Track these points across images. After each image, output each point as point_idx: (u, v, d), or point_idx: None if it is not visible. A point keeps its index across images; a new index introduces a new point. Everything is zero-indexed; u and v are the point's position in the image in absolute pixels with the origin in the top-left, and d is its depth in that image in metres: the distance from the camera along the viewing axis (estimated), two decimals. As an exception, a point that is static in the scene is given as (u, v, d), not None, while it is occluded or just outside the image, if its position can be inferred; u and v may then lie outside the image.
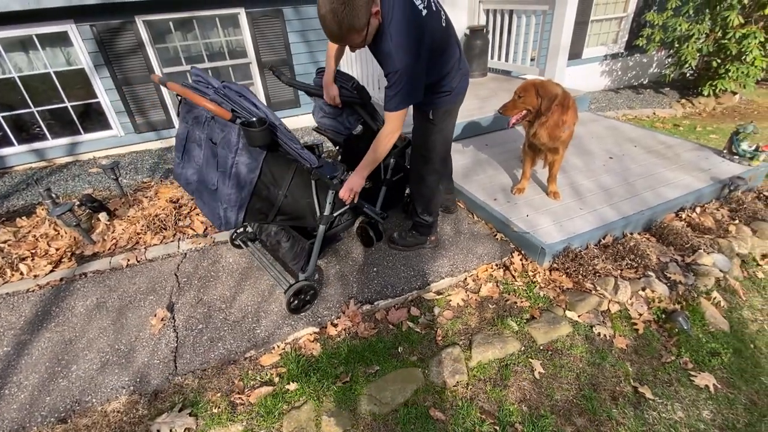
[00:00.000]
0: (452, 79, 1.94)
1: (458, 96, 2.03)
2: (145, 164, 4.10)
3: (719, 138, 4.89)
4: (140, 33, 3.87)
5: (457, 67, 1.94)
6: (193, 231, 2.89)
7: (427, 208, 2.37)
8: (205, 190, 1.74)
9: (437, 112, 2.02)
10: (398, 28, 1.57)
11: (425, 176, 2.24)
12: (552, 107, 2.37)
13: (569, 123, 2.46)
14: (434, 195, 2.34)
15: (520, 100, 2.47)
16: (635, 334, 2.11)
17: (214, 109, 1.47)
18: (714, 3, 5.17)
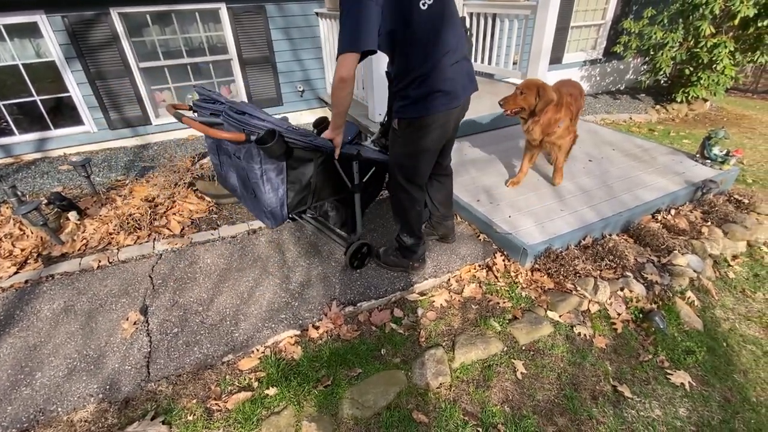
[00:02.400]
0: (413, 84, 1.68)
1: (426, 108, 1.72)
2: (120, 162, 3.95)
3: (692, 143, 5.07)
4: (115, 25, 3.73)
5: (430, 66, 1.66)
6: (169, 231, 2.79)
7: (403, 226, 2.18)
8: (248, 198, 1.94)
9: (401, 122, 1.80)
10: None
11: (393, 192, 2.08)
12: (546, 109, 2.55)
13: (562, 117, 2.63)
14: (407, 214, 2.10)
15: (521, 96, 2.57)
16: (614, 333, 2.15)
17: (229, 137, 1.62)
18: (687, 13, 5.36)
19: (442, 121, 1.79)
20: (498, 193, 2.96)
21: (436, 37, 1.63)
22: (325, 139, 1.89)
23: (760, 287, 2.61)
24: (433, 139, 1.84)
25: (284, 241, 2.70)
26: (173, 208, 2.99)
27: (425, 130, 1.79)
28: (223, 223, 2.94)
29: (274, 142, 1.56)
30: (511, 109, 2.62)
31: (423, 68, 1.65)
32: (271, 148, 1.58)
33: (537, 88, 2.54)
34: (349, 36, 1.50)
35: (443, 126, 1.82)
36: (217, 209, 3.11)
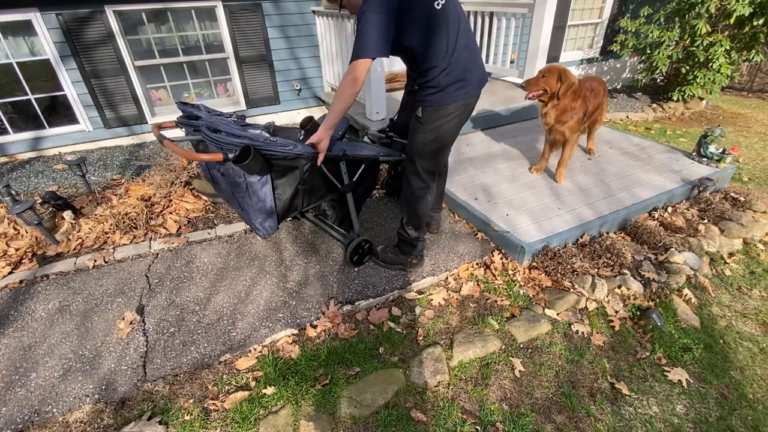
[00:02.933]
0: (441, 74, 1.80)
1: (450, 96, 1.86)
2: (116, 161, 3.92)
3: (688, 141, 5.08)
4: (110, 23, 3.70)
5: (452, 58, 1.79)
6: (165, 230, 2.78)
7: (411, 218, 2.21)
8: (238, 209, 1.93)
9: (426, 110, 1.90)
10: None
11: (410, 180, 2.11)
12: (567, 93, 2.65)
13: (577, 109, 2.73)
14: (418, 203, 2.14)
15: (543, 79, 2.68)
16: (612, 331, 2.15)
17: (207, 158, 1.63)
18: (683, 12, 5.38)
19: (463, 109, 1.93)
20: (496, 192, 2.96)
21: (454, 31, 1.78)
22: (306, 146, 1.86)
23: (756, 284, 2.62)
24: (453, 126, 1.97)
25: (281, 240, 2.69)
26: (170, 207, 2.97)
27: (448, 117, 1.91)
28: (220, 222, 2.93)
29: (249, 159, 1.58)
30: (534, 91, 2.71)
31: (447, 60, 1.78)
32: (249, 165, 1.60)
33: (559, 72, 2.65)
34: (364, 44, 1.63)
35: (462, 114, 1.95)
36: (213, 208, 3.09)
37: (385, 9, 1.61)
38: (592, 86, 2.89)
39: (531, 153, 3.61)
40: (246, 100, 4.53)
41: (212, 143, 1.71)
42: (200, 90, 4.48)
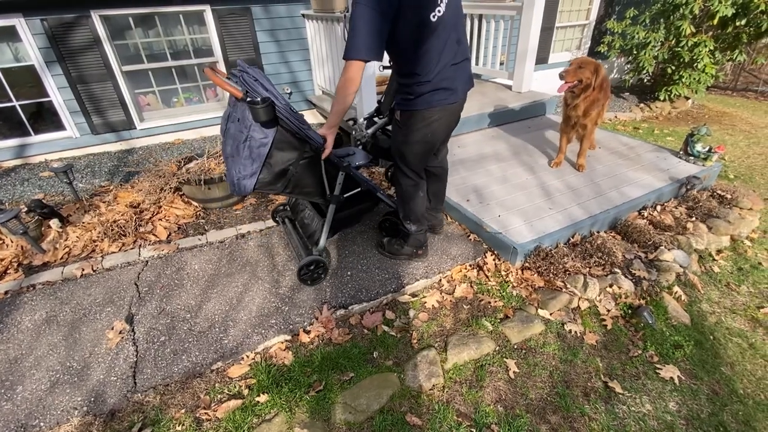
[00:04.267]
0: (422, 84, 1.79)
1: (427, 102, 1.84)
2: (104, 167, 3.86)
3: (675, 140, 5.16)
4: (96, 28, 3.65)
5: (434, 71, 1.77)
6: (155, 237, 2.74)
7: (407, 214, 2.27)
8: (230, 159, 1.91)
9: (404, 114, 1.94)
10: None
11: (398, 178, 2.20)
12: (596, 87, 2.78)
13: (603, 102, 2.91)
14: (411, 200, 2.21)
15: (579, 70, 2.76)
16: (604, 329, 2.16)
17: (229, 89, 1.68)
18: (668, 13, 5.47)
19: (441, 114, 1.92)
20: (487, 193, 2.97)
21: (443, 45, 1.75)
22: (317, 133, 1.93)
23: (744, 280, 2.67)
24: (434, 129, 1.96)
25: (273, 245, 2.67)
26: (159, 214, 2.94)
27: (425, 122, 1.91)
28: (211, 228, 2.90)
29: (262, 105, 1.62)
30: (571, 81, 2.79)
31: (429, 75, 1.78)
32: (258, 110, 1.63)
33: (594, 65, 2.76)
34: (357, 44, 1.59)
35: (440, 119, 1.94)
36: (204, 214, 3.06)
37: (381, 8, 1.55)
38: (607, 82, 2.94)
39: (522, 154, 3.64)
40: (236, 104, 4.50)
41: (243, 85, 1.75)
42: (189, 94, 4.44)
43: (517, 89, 4.73)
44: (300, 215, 2.53)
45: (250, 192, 1.89)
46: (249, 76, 1.76)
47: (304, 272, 2.21)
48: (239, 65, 2.01)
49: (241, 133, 1.80)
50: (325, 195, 2.16)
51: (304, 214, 2.49)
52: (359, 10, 1.55)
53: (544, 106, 4.55)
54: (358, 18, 1.56)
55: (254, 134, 1.77)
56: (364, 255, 2.53)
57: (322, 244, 2.22)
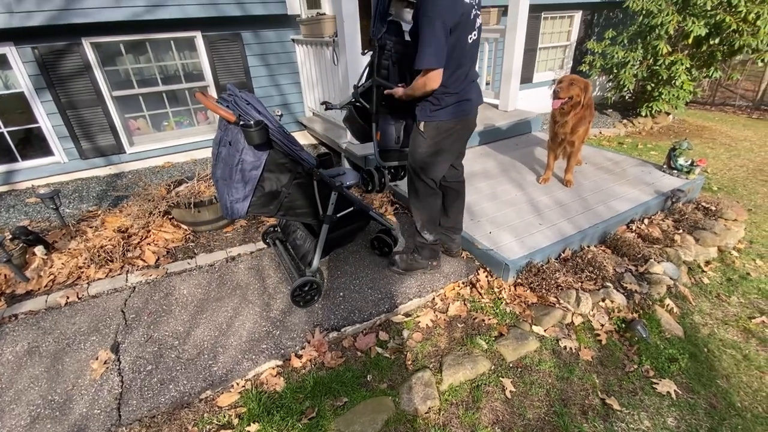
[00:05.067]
0: (450, 96, 1.94)
1: (451, 113, 2.00)
2: (92, 192, 3.82)
3: (659, 154, 5.29)
4: (87, 55, 3.69)
5: (461, 86, 1.95)
6: (143, 262, 2.69)
7: (425, 224, 2.32)
8: (222, 183, 1.92)
9: (428, 125, 2.03)
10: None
11: (418, 189, 2.24)
12: (588, 103, 2.91)
13: (589, 120, 3.02)
14: (430, 208, 2.28)
15: (571, 87, 2.87)
16: (599, 345, 2.15)
17: (222, 113, 1.69)
18: (645, 33, 5.70)
19: (463, 125, 2.07)
20: (478, 210, 3.00)
21: (472, 63, 1.97)
22: (310, 155, 1.98)
23: (733, 291, 2.69)
24: (454, 140, 2.10)
25: (264, 267, 2.64)
26: (148, 238, 2.90)
27: (449, 132, 2.04)
28: (201, 251, 2.86)
29: (256, 128, 1.65)
30: (565, 96, 2.88)
31: (457, 88, 1.94)
32: (251, 133, 1.66)
33: (584, 82, 2.88)
34: (435, 54, 1.73)
35: (462, 130, 2.10)
36: (194, 237, 3.03)
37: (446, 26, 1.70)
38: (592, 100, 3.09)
39: (511, 171, 3.69)
40: (227, 127, 4.52)
41: (236, 108, 1.77)
42: (180, 118, 4.47)
43: (503, 108, 4.84)
44: (292, 236, 2.51)
45: (242, 215, 1.88)
46: (241, 100, 1.78)
47: (297, 294, 2.18)
48: (229, 89, 2.04)
49: (233, 156, 1.80)
50: (318, 215, 2.16)
51: (296, 235, 2.47)
52: (431, 24, 1.68)
53: (530, 124, 4.65)
54: (432, 31, 1.69)
55: (246, 157, 1.78)
56: (356, 275, 2.51)
57: (315, 265, 2.20)
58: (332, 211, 2.16)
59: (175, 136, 4.39)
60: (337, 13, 3.27)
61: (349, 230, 2.39)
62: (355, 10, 3.24)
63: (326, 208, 2.15)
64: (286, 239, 2.59)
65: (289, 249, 2.56)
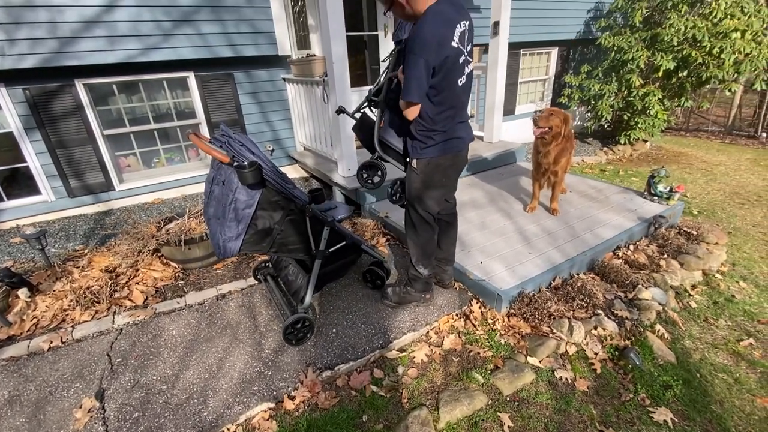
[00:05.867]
0: (439, 132, 1.99)
1: (442, 152, 2.05)
2: (79, 230, 3.77)
3: (639, 180, 5.48)
4: (80, 96, 3.75)
5: (450, 125, 2.01)
6: (131, 302, 2.64)
7: (420, 258, 2.34)
8: (214, 222, 1.94)
9: (420, 162, 2.08)
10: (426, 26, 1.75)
11: (414, 223, 2.28)
12: (568, 135, 3.06)
13: (570, 150, 3.17)
14: (426, 243, 2.31)
15: (551, 117, 3.00)
16: (594, 374, 2.15)
17: (216, 155, 1.72)
18: (618, 67, 6.05)
19: (453, 161, 2.13)
20: (468, 240, 3.04)
21: (463, 105, 2.05)
22: (303, 193, 2.02)
23: (720, 314, 2.74)
24: (448, 174, 2.18)
25: (255, 305, 2.61)
26: (136, 277, 2.85)
27: (440, 167, 2.11)
28: (190, 289, 2.82)
29: (250, 169, 1.69)
30: (543, 126, 3.02)
31: (448, 125, 2.01)
32: (245, 173, 1.69)
33: (564, 114, 3.02)
34: (416, 89, 1.81)
35: (452, 166, 2.16)
36: (183, 275, 2.99)
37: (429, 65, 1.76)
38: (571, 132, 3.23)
39: (498, 200, 3.78)
40: (218, 162, 4.57)
41: (230, 150, 1.80)
42: (171, 155, 4.51)
43: (488, 140, 5.01)
44: (284, 272, 2.50)
45: (235, 254, 1.89)
46: (235, 141, 1.83)
47: (289, 331, 2.15)
48: (222, 130, 2.09)
49: (226, 195, 1.83)
50: (311, 251, 2.17)
51: (287, 270, 2.47)
52: (414, 60, 1.75)
53: (514, 154, 4.81)
54: (415, 66, 1.76)
55: (240, 196, 1.81)
56: (349, 310, 2.50)
57: (308, 301, 2.19)
58: (324, 245, 2.17)
59: (165, 173, 4.41)
60: (327, 55, 3.42)
61: (341, 264, 2.40)
62: (344, 53, 3.40)
63: (319, 243, 2.16)
64: (278, 275, 2.58)
65: (280, 285, 2.55)
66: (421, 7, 1.79)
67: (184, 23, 3.80)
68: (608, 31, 6.25)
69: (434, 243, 2.38)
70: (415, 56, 1.74)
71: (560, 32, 6.63)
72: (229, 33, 4.01)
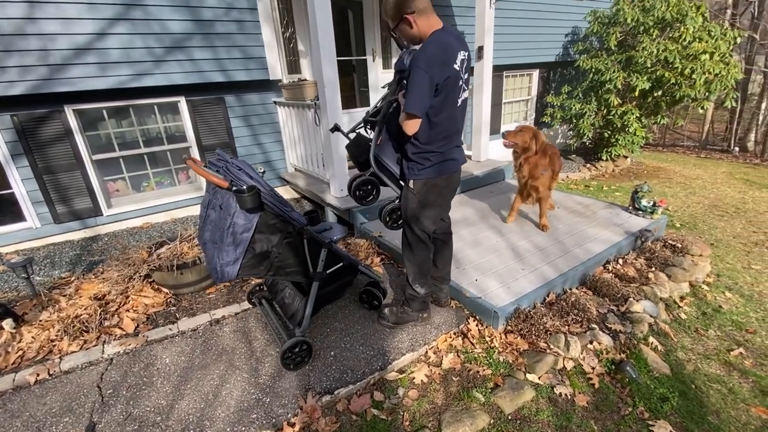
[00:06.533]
0: (435, 153, 2.04)
1: (438, 173, 2.10)
2: (65, 257, 3.68)
3: (623, 195, 5.65)
4: (69, 122, 3.73)
5: (446, 147, 2.06)
6: (121, 330, 2.57)
7: (416, 277, 2.35)
8: (211, 246, 1.92)
9: (416, 183, 2.12)
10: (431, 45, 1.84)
11: (411, 243, 2.30)
12: (537, 151, 3.19)
13: (547, 166, 3.26)
14: (423, 262, 2.33)
15: (520, 134, 3.19)
16: (593, 389, 2.17)
17: (215, 180, 1.73)
18: (596, 88, 6.31)
19: (447, 181, 2.18)
20: (462, 257, 3.07)
21: (458, 130, 2.12)
22: (299, 214, 2.03)
23: (710, 325, 2.81)
24: (444, 195, 2.23)
25: (250, 329, 2.57)
26: (126, 305, 2.78)
27: (435, 187, 2.15)
28: (183, 315, 2.76)
29: (249, 193, 1.70)
30: (511, 141, 3.21)
31: (444, 147, 2.06)
32: (244, 198, 1.71)
33: (533, 131, 3.19)
34: (419, 102, 1.85)
35: (447, 186, 2.21)
36: (175, 300, 2.93)
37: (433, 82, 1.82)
38: (552, 150, 3.37)
39: (489, 217, 3.85)
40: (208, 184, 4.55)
41: (227, 174, 1.81)
42: (161, 178, 4.48)
43: (476, 158, 5.13)
44: (279, 295, 2.48)
45: (233, 278, 1.88)
46: (233, 166, 1.85)
47: (287, 356, 2.12)
48: (218, 154, 2.11)
49: (224, 220, 1.83)
50: (308, 273, 2.16)
51: (284, 293, 2.45)
52: (420, 73, 1.80)
53: (503, 172, 4.93)
54: (419, 80, 1.81)
55: (238, 220, 1.81)
56: (346, 332, 2.48)
57: (305, 324, 2.17)
58: (322, 267, 2.18)
59: (155, 197, 4.37)
60: (318, 79, 3.50)
61: (338, 286, 2.40)
62: (335, 77, 3.49)
63: (316, 265, 2.17)
64: (273, 298, 2.56)
65: (276, 308, 2.52)
66: (428, 30, 1.90)
67: (176, 49, 3.86)
68: (586, 53, 6.55)
69: (430, 262, 2.41)
70: (421, 71, 1.80)
71: (540, 55, 6.92)
72: (220, 59, 4.08)
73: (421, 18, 1.89)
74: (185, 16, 3.81)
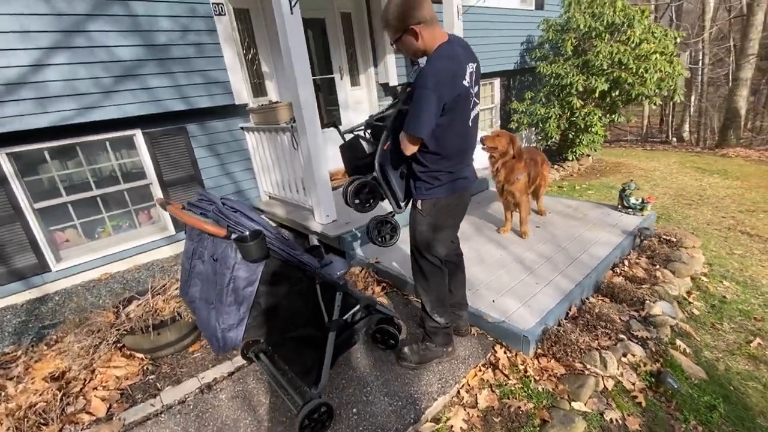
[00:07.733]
0: (445, 172, 1.90)
1: (449, 192, 1.94)
2: (7, 327, 3.10)
3: (595, 193, 5.80)
4: (2, 168, 3.19)
5: (457, 167, 1.92)
6: (90, 416, 2.11)
7: (434, 305, 2.13)
8: (204, 306, 1.67)
9: (425, 203, 1.96)
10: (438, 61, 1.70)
11: (422, 268, 2.11)
12: (515, 155, 3.17)
13: (522, 171, 3.22)
14: (438, 288, 2.13)
15: (497, 138, 3.16)
16: (640, 408, 2.02)
17: (210, 229, 1.46)
18: (558, 92, 6.51)
19: (459, 200, 2.03)
20: (471, 277, 2.84)
21: (472, 141, 1.98)
22: (311, 257, 1.76)
23: (722, 317, 2.80)
24: (454, 215, 2.07)
25: (251, 393, 2.20)
26: (93, 381, 2.32)
27: (448, 208, 2.00)
28: (166, 384, 2.34)
29: (254, 241, 1.44)
30: (488, 145, 3.17)
31: (455, 167, 1.92)
32: (249, 247, 1.44)
33: (509, 136, 3.17)
34: (423, 124, 1.71)
35: (459, 206, 2.05)
36: (154, 366, 2.49)
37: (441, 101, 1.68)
38: (531, 156, 3.35)
39: (485, 229, 3.72)
40: (174, 223, 4.10)
41: (223, 220, 1.54)
42: (118, 221, 3.96)
43: (457, 169, 5.04)
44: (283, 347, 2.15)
45: (238, 345, 1.55)
46: (227, 209, 1.55)
47: (305, 424, 1.80)
48: (201, 195, 1.80)
49: (222, 275, 1.52)
50: (323, 324, 1.87)
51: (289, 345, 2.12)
52: (425, 95, 1.66)
53: (486, 181, 4.86)
54: (423, 99, 1.67)
55: (239, 273, 1.51)
56: (364, 381, 2.18)
57: (323, 382, 1.86)
58: (339, 314, 1.89)
59: (112, 243, 3.85)
60: (294, 101, 3.24)
61: (352, 330, 2.11)
62: (312, 99, 3.25)
63: (331, 311, 1.88)
64: (275, 351, 2.22)
65: (278, 363, 2.18)
66: (434, 43, 1.72)
67: (128, 78, 3.45)
68: (544, 60, 6.76)
69: (446, 288, 2.20)
70: (428, 91, 1.64)
71: (500, 64, 7.06)
72: (179, 85, 3.71)
73: (427, 30, 1.72)
74: (136, 42, 3.43)
